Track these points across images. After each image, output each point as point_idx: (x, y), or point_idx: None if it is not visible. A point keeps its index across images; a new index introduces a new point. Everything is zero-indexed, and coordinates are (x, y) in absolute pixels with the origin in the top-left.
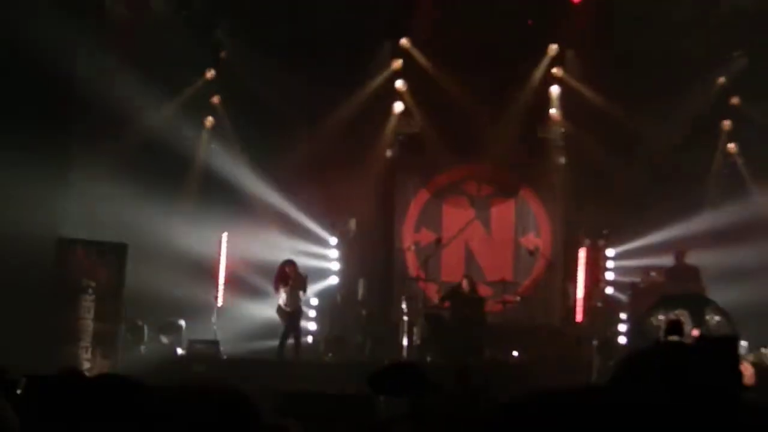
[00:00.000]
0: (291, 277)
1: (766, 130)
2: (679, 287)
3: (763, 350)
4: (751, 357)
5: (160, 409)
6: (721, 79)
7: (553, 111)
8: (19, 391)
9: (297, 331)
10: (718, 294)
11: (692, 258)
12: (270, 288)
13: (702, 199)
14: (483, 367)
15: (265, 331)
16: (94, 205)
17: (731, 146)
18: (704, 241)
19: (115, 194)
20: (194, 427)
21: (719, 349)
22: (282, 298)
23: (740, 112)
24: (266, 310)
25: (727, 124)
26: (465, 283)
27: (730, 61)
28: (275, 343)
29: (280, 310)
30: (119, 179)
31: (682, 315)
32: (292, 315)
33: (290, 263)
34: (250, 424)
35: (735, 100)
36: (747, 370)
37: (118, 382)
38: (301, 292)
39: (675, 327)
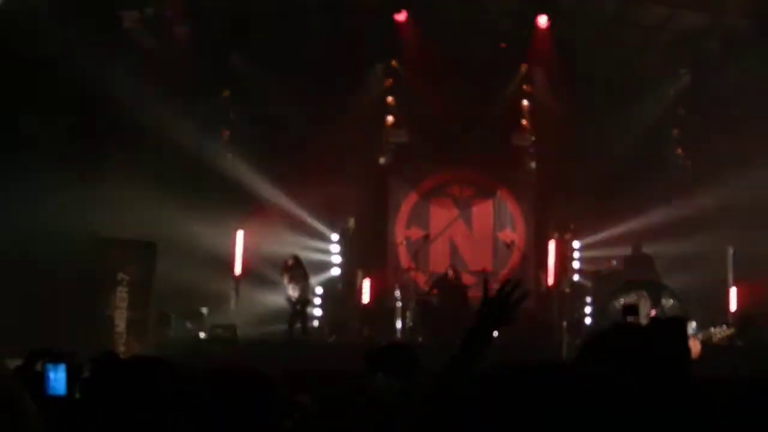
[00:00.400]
0: (291, 267)
1: (708, 137)
2: (637, 274)
3: (711, 329)
4: (700, 335)
5: (190, 389)
6: (670, 93)
7: (524, 122)
8: (85, 375)
9: (304, 317)
10: (669, 280)
11: (647, 248)
12: (279, 278)
13: (655, 197)
14: None
15: (276, 316)
16: (128, 209)
17: (679, 151)
18: (657, 233)
19: (145, 198)
20: (223, 406)
21: (670, 329)
22: (289, 288)
23: (686, 121)
24: (277, 298)
25: (675, 131)
26: (450, 273)
27: (676, 77)
28: (285, 327)
29: (288, 299)
30: (148, 186)
31: (642, 298)
32: (297, 304)
33: (291, 257)
34: (270, 401)
35: (681, 111)
36: (695, 347)
37: (153, 363)
38: (304, 283)
39: (631, 309)
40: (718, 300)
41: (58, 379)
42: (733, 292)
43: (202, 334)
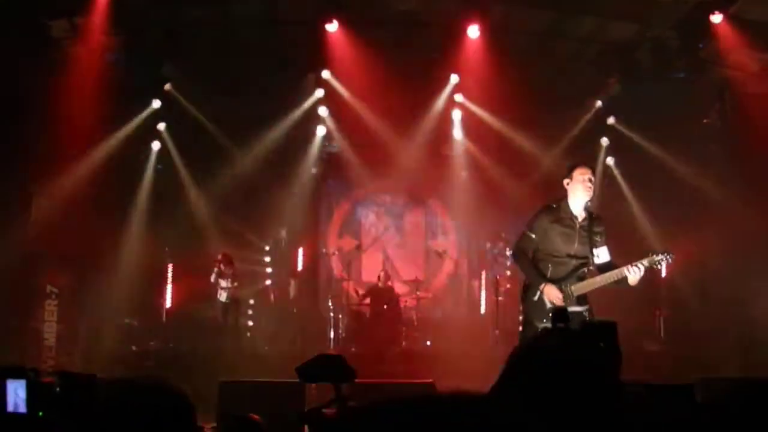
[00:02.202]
0: (221, 264)
1: (638, 146)
2: None
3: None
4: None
5: (108, 402)
6: (599, 103)
7: (455, 132)
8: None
9: (239, 325)
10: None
11: None
12: (211, 291)
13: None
14: (400, 355)
15: (208, 328)
16: (58, 221)
17: (609, 160)
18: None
19: (74, 212)
20: (132, 420)
21: (601, 333)
22: (219, 292)
23: (615, 130)
24: (209, 310)
25: (604, 140)
26: (382, 281)
27: (606, 87)
28: (218, 338)
29: (218, 303)
30: (79, 198)
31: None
32: (228, 306)
33: (222, 255)
34: (182, 418)
35: (611, 121)
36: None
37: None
38: (235, 284)
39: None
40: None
41: (19, 395)
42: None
43: (133, 348)
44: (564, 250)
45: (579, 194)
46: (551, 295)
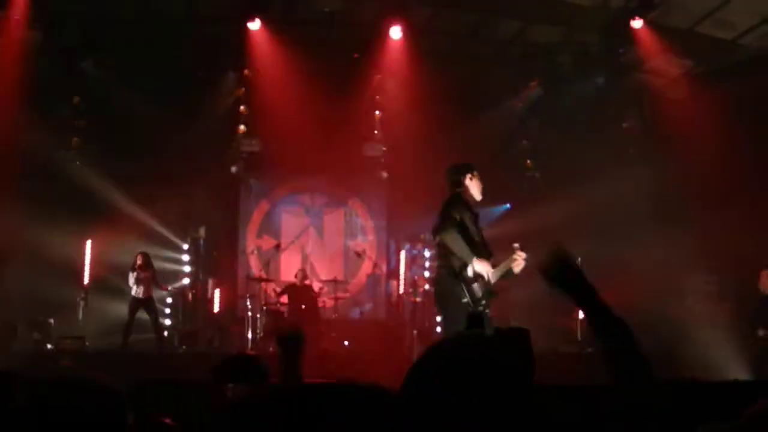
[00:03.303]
0: (138, 265)
1: (558, 148)
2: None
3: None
4: None
5: (33, 399)
6: (521, 105)
7: (376, 132)
8: None
9: (157, 325)
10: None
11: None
12: (129, 289)
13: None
14: (318, 356)
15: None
16: None
17: (528, 162)
18: (510, 242)
19: None
20: (66, 418)
21: (513, 338)
22: (134, 288)
23: (536, 132)
24: (126, 308)
25: (525, 143)
26: (299, 279)
27: (527, 90)
28: (136, 337)
29: (132, 299)
30: None
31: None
32: (143, 302)
33: (139, 253)
34: (119, 414)
35: (532, 123)
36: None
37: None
38: (151, 283)
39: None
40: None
41: None
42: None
43: (48, 346)
44: (476, 237)
45: (476, 192)
46: (484, 266)
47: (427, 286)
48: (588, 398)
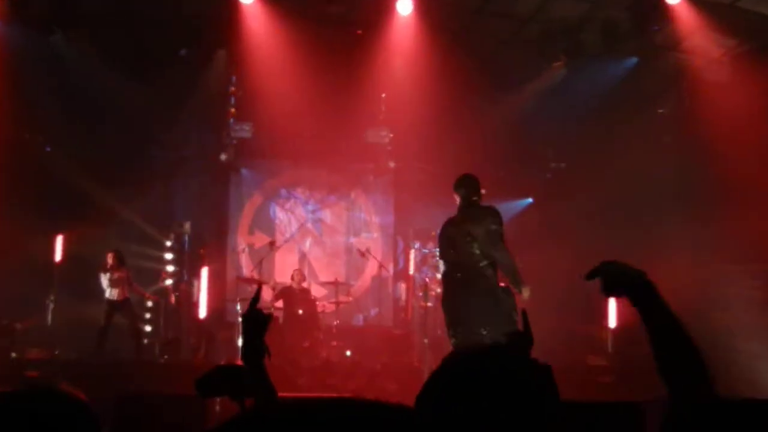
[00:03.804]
0: (110, 264)
1: (583, 137)
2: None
3: None
4: None
5: None
6: (542, 87)
7: (382, 117)
8: None
9: (135, 331)
10: (545, 290)
11: (519, 255)
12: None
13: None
14: (316, 367)
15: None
16: None
17: (550, 151)
18: (530, 239)
19: None
20: None
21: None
22: (107, 291)
23: (559, 118)
24: (101, 312)
25: (547, 129)
26: (294, 277)
27: (548, 70)
28: (111, 345)
29: (107, 303)
30: None
31: None
32: (119, 306)
33: (110, 252)
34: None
35: (555, 108)
36: None
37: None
38: (126, 284)
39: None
40: (599, 312)
41: None
42: (612, 304)
43: (13, 354)
44: None
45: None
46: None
47: (438, 290)
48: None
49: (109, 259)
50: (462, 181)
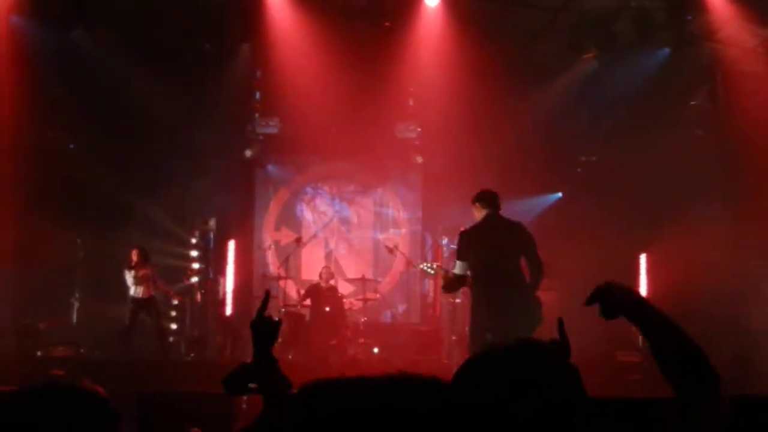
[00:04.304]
0: (134, 261)
1: (615, 130)
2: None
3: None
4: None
5: (12, 412)
6: (573, 80)
7: (410, 111)
8: None
9: (161, 329)
10: (575, 289)
11: (547, 253)
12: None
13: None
14: (344, 364)
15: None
16: None
17: (581, 146)
18: (559, 236)
19: None
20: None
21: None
22: (132, 288)
23: (592, 113)
24: (126, 310)
25: (578, 125)
26: (322, 275)
27: (580, 62)
28: (137, 343)
29: (132, 301)
30: None
31: None
32: (144, 304)
33: (134, 249)
34: (104, 428)
35: (586, 101)
36: None
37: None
38: (150, 282)
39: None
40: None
41: None
42: None
43: (38, 353)
44: None
45: None
46: None
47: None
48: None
49: (134, 256)
50: (487, 196)
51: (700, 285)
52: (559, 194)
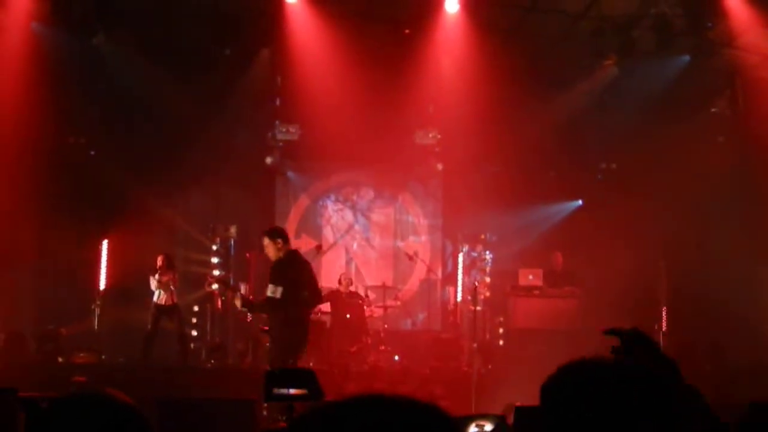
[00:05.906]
0: (159, 267)
1: (635, 136)
2: (559, 291)
3: None
4: None
5: (39, 420)
6: (593, 87)
7: (430, 118)
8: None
9: (182, 335)
10: (596, 297)
11: (569, 261)
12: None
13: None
14: (364, 372)
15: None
16: None
17: (601, 152)
18: (580, 245)
19: None
20: None
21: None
22: (155, 294)
23: (611, 119)
24: (147, 316)
25: (598, 131)
26: (342, 281)
27: (599, 69)
28: (158, 350)
29: (154, 307)
30: None
31: None
32: (166, 310)
33: (161, 254)
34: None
35: (606, 107)
36: None
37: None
38: (173, 287)
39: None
40: (652, 321)
41: None
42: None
43: (60, 359)
44: None
45: None
46: None
47: (488, 293)
48: None
49: (159, 261)
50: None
51: (717, 290)
52: (579, 202)
